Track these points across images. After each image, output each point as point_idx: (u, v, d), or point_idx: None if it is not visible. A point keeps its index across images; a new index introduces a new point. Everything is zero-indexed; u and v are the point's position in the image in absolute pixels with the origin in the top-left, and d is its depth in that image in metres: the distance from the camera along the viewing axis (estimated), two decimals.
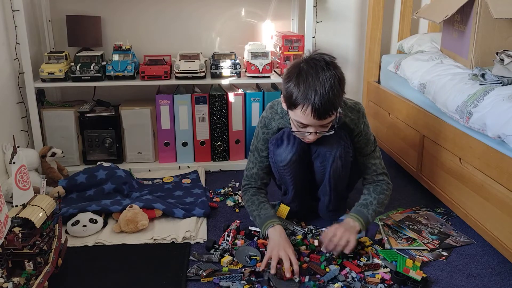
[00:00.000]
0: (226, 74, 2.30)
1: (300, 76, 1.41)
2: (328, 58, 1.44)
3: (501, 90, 1.56)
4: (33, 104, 2.20)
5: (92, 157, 2.32)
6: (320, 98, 1.38)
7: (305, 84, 1.40)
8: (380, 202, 1.64)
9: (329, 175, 1.64)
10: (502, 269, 1.52)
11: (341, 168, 1.61)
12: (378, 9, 2.53)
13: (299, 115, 1.44)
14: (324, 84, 1.38)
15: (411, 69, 2.11)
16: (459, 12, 1.91)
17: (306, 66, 1.42)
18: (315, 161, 1.64)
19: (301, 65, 1.44)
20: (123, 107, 2.32)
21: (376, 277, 1.46)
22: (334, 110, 1.44)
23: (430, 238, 1.69)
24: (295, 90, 1.41)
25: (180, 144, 2.35)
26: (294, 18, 2.59)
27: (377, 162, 1.69)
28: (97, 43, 2.44)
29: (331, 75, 1.40)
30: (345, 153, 1.59)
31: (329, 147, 1.58)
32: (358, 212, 1.61)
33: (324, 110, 1.40)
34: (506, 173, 1.43)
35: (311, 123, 1.45)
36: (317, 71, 1.40)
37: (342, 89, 1.44)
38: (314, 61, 1.43)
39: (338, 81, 1.41)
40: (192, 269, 1.49)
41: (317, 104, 1.38)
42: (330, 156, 1.59)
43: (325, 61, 1.42)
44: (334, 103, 1.40)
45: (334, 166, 1.61)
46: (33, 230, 1.34)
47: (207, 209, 1.86)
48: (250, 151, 1.75)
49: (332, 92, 1.38)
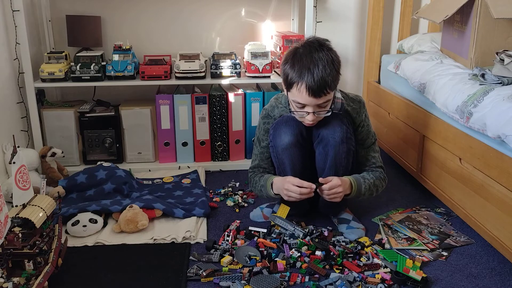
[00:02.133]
0: (226, 74, 2.30)
1: (295, 58, 1.53)
2: (322, 40, 1.56)
3: (501, 90, 1.56)
4: (33, 104, 2.20)
5: (92, 157, 2.32)
6: (313, 76, 1.47)
7: (299, 63, 1.51)
8: (376, 183, 1.71)
9: (330, 161, 1.64)
10: (502, 269, 1.53)
11: (343, 154, 1.63)
12: (378, 9, 2.53)
13: (295, 94, 1.53)
14: (317, 62, 1.48)
15: (411, 69, 2.11)
16: (459, 12, 1.91)
17: (301, 49, 1.54)
18: (317, 147, 1.66)
19: (298, 49, 1.56)
20: (123, 107, 2.32)
21: (376, 277, 1.46)
22: (329, 89, 1.51)
23: (430, 238, 1.69)
24: (291, 71, 1.53)
25: (180, 144, 2.35)
26: (294, 18, 2.59)
27: (376, 156, 1.77)
28: (97, 43, 2.44)
29: (324, 55, 1.50)
30: (347, 139, 1.63)
31: (331, 130, 1.61)
32: (356, 178, 1.67)
33: (318, 87, 1.48)
34: (506, 173, 1.43)
35: (307, 102, 1.52)
36: (311, 51, 1.52)
37: (336, 69, 1.52)
38: (308, 43, 1.55)
39: (331, 61, 1.50)
40: (192, 269, 1.49)
41: (310, 82, 1.48)
42: (333, 140, 1.61)
43: (319, 42, 1.54)
44: (327, 81, 1.48)
45: (336, 151, 1.62)
46: (33, 230, 1.34)
47: (207, 209, 1.86)
48: (254, 144, 1.84)
49: (325, 71, 1.48)
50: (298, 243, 1.61)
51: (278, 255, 1.57)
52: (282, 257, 1.56)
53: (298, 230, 1.67)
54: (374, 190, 1.72)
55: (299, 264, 1.52)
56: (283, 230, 1.69)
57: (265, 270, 1.48)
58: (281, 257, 1.56)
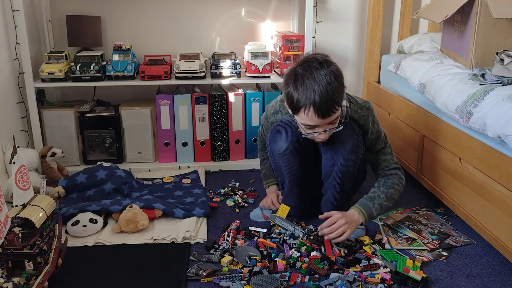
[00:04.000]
0: (226, 74, 2.30)
1: (297, 80, 1.45)
2: (320, 57, 1.47)
3: (501, 90, 1.56)
4: (33, 104, 2.20)
5: (92, 157, 2.32)
6: (320, 97, 1.41)
7: (303, 86, 1.44)
8: (388, 196, 1.65)
9: (338, 168, 1.63)
10: (502, 269, 1.53)
11: (351, 163, 1.62)
12: (378, 9, 2.53)
13: (304, 117, 1.47)
14: (321, 82, 1.42)
15: (411, 69, 2.10)
16: (459, 12, 1.91)
17: (301, 70, 1.46)
18: (325, 153, 1.65)
19: (297, 69, 1.48)
20: (123, 107, 2.32)
21: (376, 277, 1.46)
22: (337, 106, 1.46)
23: (430, 238, 1.69)
24: (295, 94, 1.45)
25: (180, 144, 2.35)
26: (294, 18, 2.59)
27: (389, 158, 1.72)
28: (97, 43, 2.44)
29: (326, 72, 1.43)
30: (356, 148, 1.61)
31: (343, 139, 1.59)
32: (363, 204, 1.62)
33: (326, 108, 1.43)
34: (506, 173, 1.43)
35: (317, 123, 1.48)
36: (312, 71, 1.44)
37: (340, 84, 1.46)
38: (307, 63, 1.47)
39: (334, 77, 1.43)
40: (192, 269, 1.49)
41: (318, 103, 1.41)
42: (343, 149, 1.60)
43: (317, 60, 1.46)
44: (334, 98, 1.43)
45: (345, 159, 1.61)
46: (33, 230, 1.34)
47: (207, 209, 1.86)
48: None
49: (330, 89, 1.41)
50: (298, 243, 1.61)
51: (278, 255, 1.57)
52: (282, 257, 1.56)
53: (298, 230, 1.67)
54: (389, 203, 1.67)
55: (299, 264, 1.52)
56: (283, 230, 1.69)
57: (265, 270, 1.48)
58: (281, 257, 1.56)
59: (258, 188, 2.10)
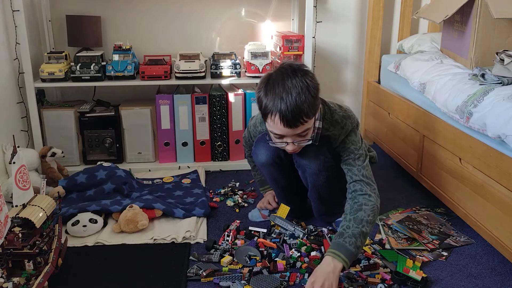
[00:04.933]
0: (226, 74, 2.30)
1: (268, 85, 1.38)
2: (296, 65, 1.40)
3: (501, 90, 1.56)
4: (33, 104, 2.20)
5: (92, 157, 2.32)
6: (287, 105, 1.33)
7: (272, 92, 1.36)
8: (358, 221, 1.41)
9: (311, 186, 1.65)
10: (502, 269, 1.53)
11: (322, 180, 1.60)
12: (378, 9, 2.53)
13: (271, 125, 1.40)
14: (290, 91, 1.34)
15: (411, 69, 2.11)
16: (459, 12, 1.91)
17: (274, 75, 1.39)
18: (298, 169, 1.65)
19: (271, 74, 1.41)
20: (123, 107, 2.32)
21: (376, 277, 1.46)
22: (306, 117, 1.36)
23: (430, 238, 1.69)
24: (264, 100, 1.38)
25: (180, 144, 2.35)
26: (294, 18, 2.59)
27: (355, 169, 1.51)
28: (97, 43, 2.44)
29: (297, 81, 1.35)
30: (324, 168, 1.56)
31: (307, 161, 1.57)
32: (336, 246, 1.39)
33: (292, 117, 1.34)
34: (506, 173, 1.43)
35: (284, 133, 1.40)
36: (284, 78, 1.36)
37: (312, 96, 1.36)
38: (282, 69, 1.40)
39: (306, 88, 1.35)
40: (192, 269, 1.49)
41: (284, 112, 1.33)
42: (309, 169, 1.58)
43: (292, 68, 1.38)
44: (302, 109, 1.34)
45: (314, 179, 1.61)
46: (33, 230, 1.34)
47: (207, 209, 1.86)
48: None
49: (299, 99, 1.33)
50: (298, 243, 1.61)
51: (278, 255, 1.57)
52: (282, 257, 1.56)
53: (298, 230, 1.67)
54: (364, 228, 1.41)
55: (299, 264, 1.52)
56: (283, 230, 1.69)
57: (265, 270, 1.48)
58: (281, 257, 1.56)
59: (258, 188, 2.10)
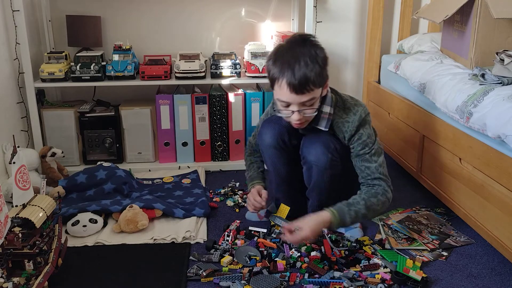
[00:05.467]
0: (226, 74, 2.30)
1: (277, 53, 1.47)
2: (306, 36, 1.48)
3: (501, 90, 1.56)
4: (33, 104, 2.20)
5: (92, 157, 2.32)
6: (294, 71, 1.40)
7: (281, 59, 1.44)
8: (368, 205, 1.49)
9: (313, 185, 1.63)
10: (502, 269, 1.53)
11: (326, 179, 1.59)
12: (378, 9, 2.53)
13: (278, 91, 1.47)
14: (298, 58, 1.41)
15: (411, 69, 2.10)
16: (459, 12, 1.91)
17: (284, 45, 1.49)
18: (303, 165, 1.64)
19: (281, 44, 1.50)
20: (123, 107, 2.32)
21: (376, 277, 1.46)
22: (312, 85, 1.42)
23: (430, 238, 1.69)
24: (272, 67, 1.46)
25: (180, 144, 2.35)
26: (294, 18, 2.59)
27: (372, 166, 1.55)
28: (97, 43, 2.44)
29: (306, 50, 1.43)
30: (331, 166, 1.56)
31: (314, 157, 1.56)
32: (338, 209, 1.49)
33: (299, 83, 1.40)
34: (506, 173, 1.43)
35: (290, 100, 1.45)
36: (294, 47, 1.45)
37: (319, 64, 1.43)
38: (291, 39, 1.49)
39: (314, 57, 1.42)
40: (192, 269, 1.49)
41: (291, 77, 1.40)
42: (316, 167, 1.57)
43: (302, 38, 1.47)
44: (309, 76, 1.40)
45: (319, 177, 1.59)
46: (33, 230, 1.34)
47: (207, 209, 1.86)
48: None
49: (306, 66, 1.40)
50: None
51: (278, 255, 1.57)
52: (282, 257, 1.56)
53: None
54: (368, 212, 1.50)
55: (299, 264, 1.52)
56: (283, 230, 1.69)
57: (265, 270, 1.48)
58: (281, 257, 1.56)
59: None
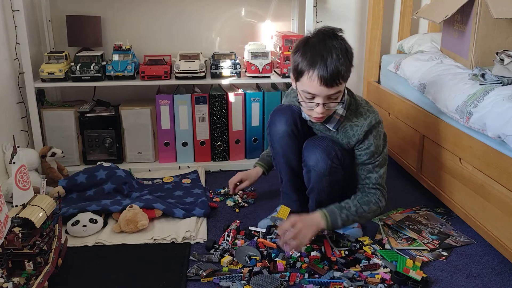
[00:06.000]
0: (226, 74, 2.30)
1: (307, 45, 1.44)
2: (336, 29, 1.46)
3: (501, 90, 1.56)
4: (33, 104, 2.20)
5: (92, 157, 2.32)
6: (327, 64, 1.38)
7: (312, 51, 1.41)
8: (359, 212, 1.52)
9: (312, 188, 1.62)
10: (502, 269, 1.53)
11: (325, 184, 1.57)
12: (378, 9, 2.53)
13: (306, 83, 1.43)
14: (331, 50, 1.40)
15: (411, 69, 2.10)
16: (459, 12, 1.91)
17: (314, 37, 1.45)
18: (303, 167, 1.62)
19: (309, 37, 1.47)
20: (123, 107, 2.32)
21: (376, 277, 1.46)
22: (342, 79, 1.42)
23: (430, 238, 1.69)
24: (302, 58, 1.43)
25: (180, 144, 2.35)
26: (294, 18, 2.59)
27: (373, 177, 1.56)
28: (97, 43, 2.44)
29: (337, 43, 1.42)
30: (330, 172, 1.53)
31: (314, 161, 1.55)
32: (330, 211, 1.51)
33: (330, 76, 1.39)
34: (506, 173, 1.43)
35: (318, 92, 1.43)
36: (324, 39, 1.43)
37: (349, 59, 1.44)
38: (322, 31, 1.46)
39: (345, 50, 1.42)
40: (192, 269, 1.49)
41: (323, 70, 1.38)
42: (315, 172, 1.56)
43: (332, 31, 1.45)
44: (340, 70, 1.40)
45: (317, 181, 1.58)
46: (33, 230, 1.34)
47: (207, 209, 1.86)
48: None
49: (338, 59, 1.39)
50: None
51: (278, 255, 1.57)
52: (282, 257, 1.56)
53: None
54: (358, 219, 1.54)
55: (299, 264, 1.52)
56: None
57: (265, 270, 1.48)
58: (281, 257, 1.56)
59: (258, 188, 2.10)
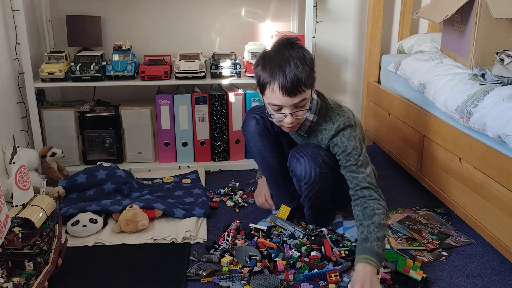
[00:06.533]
0: (226, 74, 2.30)
1: (265, 58, 1.46)
2: (292, 39, 1.48)
3: (501, 90, 1.56)
4: (33, 104, 2.20)
5: (92, 157, 2.32)
6: (285, 74, 1.40)
7: (271, 63, 1.43)
8: (376, 225, 1.41)
9: (305, 196, 1.65)
10: (502, 269, 1.53)
11: (317, 190, 1.61)
12: (378, 9, 2.53)
13: (270, 95, 1.45)
14: (288, 60, 1.41)
15: (411, 69, 2.10)
16: (459, 12, 1.91)
17: (271, 49, 1.48)
18: (293, 177, 1.65)
19: (267, 50, 1.50)
20: (123, 107, 2.32)
21: (376, 277, 1.45)
22: (304, 86, 1.42)
23: (430, 238, 1.69)
24: (263, 72, 1.45)
25: (180, 144, 2.35)
26: (294, 18, 2.59)
27: (360, 177, 1.50)
28: (97, 43, 2.44)
29: (294, 52, 1.43)
30: (320, 178, 1.57)
31: (302, 171, 1.57)
32: (365, 251, 1.37)
33: (291, 85, 1.40)
34: (506, 173, 1.43)
35: (282, 103, 1.44)
36: (281, 50, 1.45)
37: (308, 66, 1.44)
38: (278, 42, 1.48)
39: (303, 58, 1.43)
40: (192, 269, 1.49)
41: (283, 80, 1.40)
42: (305, 180, 1.59)
43: (288, 41, 1.47)
44: (300, 78, 1.41)
45: (309, 189, 1.61)
46: (33, 230, 1.34)
47: (207, 209, 1.86)
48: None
49: (297, 68, 1.40)
50: (298, 243, 1.61)
51: (278, 255, 1.57)
52: (282, 257, 1.56)
53: (298, 231, 1.67)
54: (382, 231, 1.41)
55: (299, 264, 1.52)
56: (284, 231, 1.69)
57: (265, 270, 1.48)
58: (281, 257, 1.56)
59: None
